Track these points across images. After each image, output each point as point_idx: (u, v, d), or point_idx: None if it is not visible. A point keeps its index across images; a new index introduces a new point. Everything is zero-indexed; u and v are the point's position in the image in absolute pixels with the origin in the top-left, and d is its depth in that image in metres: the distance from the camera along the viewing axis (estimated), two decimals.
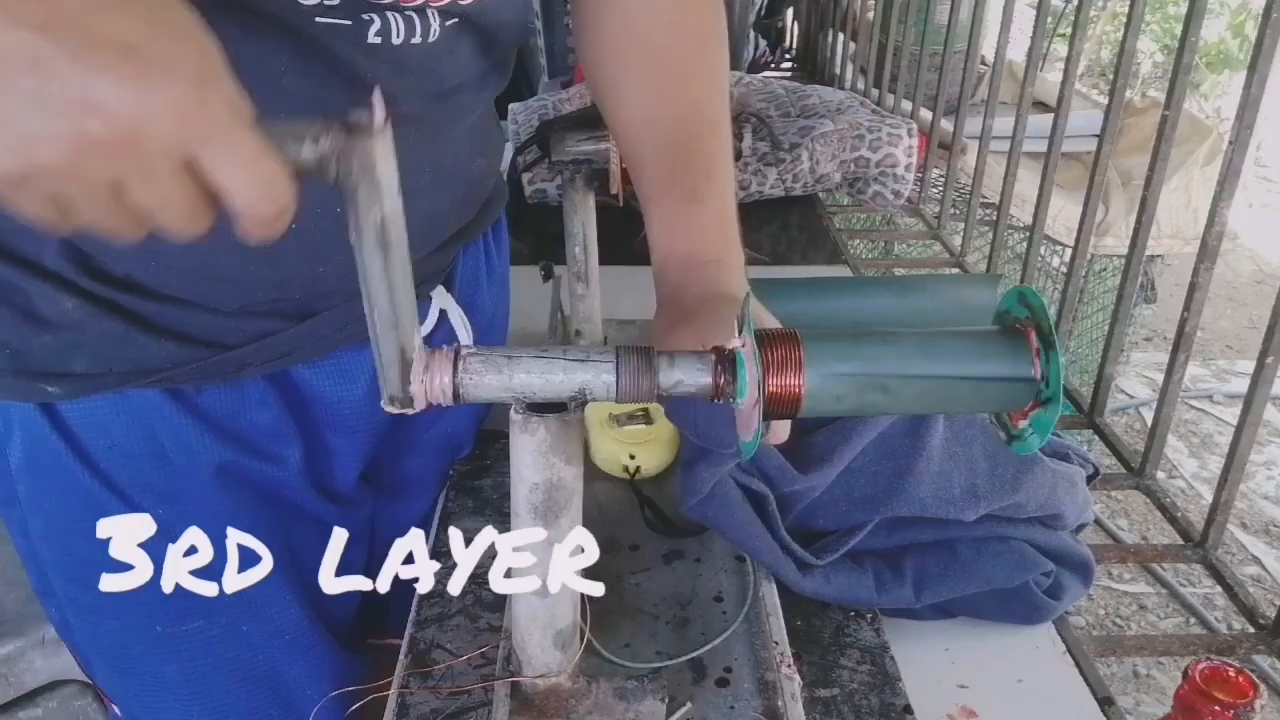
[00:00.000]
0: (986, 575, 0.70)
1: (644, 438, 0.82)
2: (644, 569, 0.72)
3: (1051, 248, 2.06)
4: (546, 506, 0.50)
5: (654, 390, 0.47)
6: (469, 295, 0.81)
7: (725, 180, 0.71)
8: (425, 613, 0.69)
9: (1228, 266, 4.17)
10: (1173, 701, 0.54)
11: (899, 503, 0.69)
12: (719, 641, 0.65)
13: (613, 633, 0.66)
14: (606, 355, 0.47)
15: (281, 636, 0.73)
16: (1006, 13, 1.50)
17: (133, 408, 0.66)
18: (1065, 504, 0.73)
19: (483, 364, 0.47)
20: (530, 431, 0.49)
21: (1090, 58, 4.83)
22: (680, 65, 0.72)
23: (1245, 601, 0.88)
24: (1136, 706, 2.06)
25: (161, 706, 0.73)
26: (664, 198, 0.69)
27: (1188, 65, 1.00)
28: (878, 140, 1.57)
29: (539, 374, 0.47)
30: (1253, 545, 2.59)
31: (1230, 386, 3.34)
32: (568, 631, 0.55)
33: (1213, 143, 1.93)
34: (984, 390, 0.48)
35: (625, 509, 0.79)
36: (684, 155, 0.70)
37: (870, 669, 0.65)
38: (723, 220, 0.69)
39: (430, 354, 0.47)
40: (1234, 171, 0.92)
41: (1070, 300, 1.27)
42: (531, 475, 0.50)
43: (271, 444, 0.71)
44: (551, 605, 0.54)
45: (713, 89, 0.73)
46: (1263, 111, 0.91)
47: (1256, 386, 0.89)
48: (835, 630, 0.68)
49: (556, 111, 1.65)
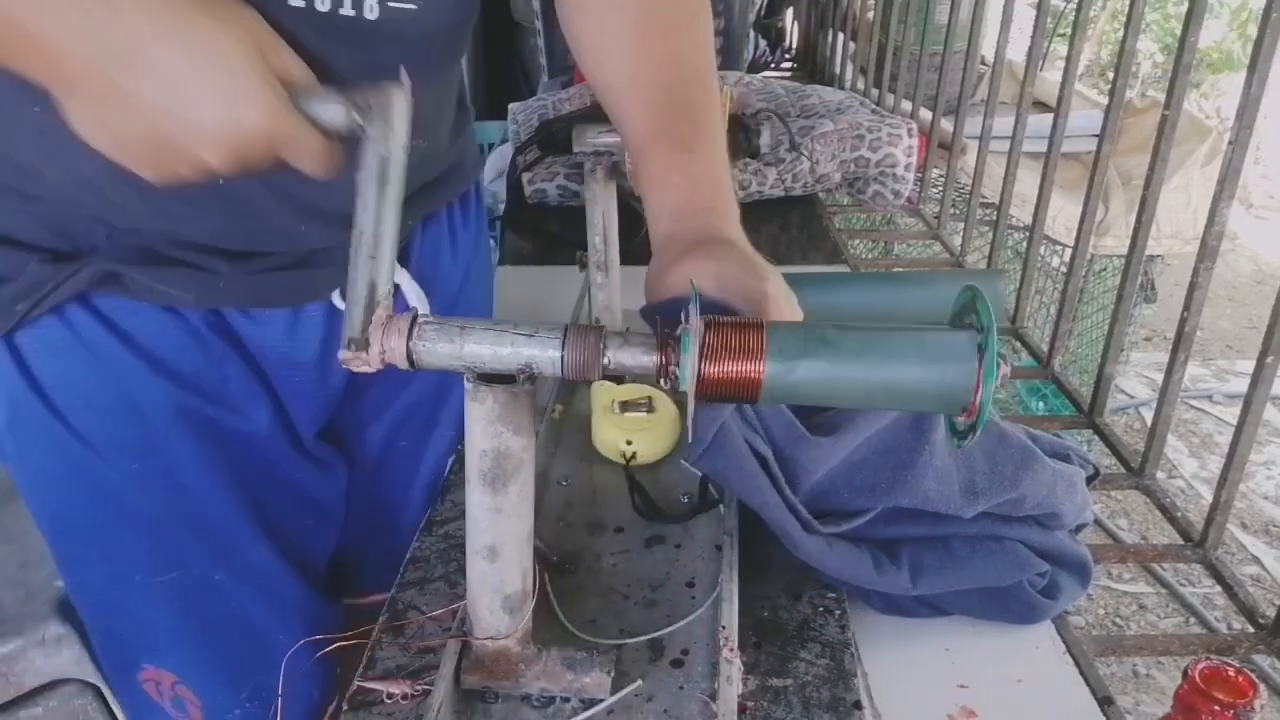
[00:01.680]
0: (980, 573, 0.70)
1: (643, 425, 0.83)
2: (624, 550, 0.73)
3: (1051, 248, 2.06)
4: (495, 474, 0.53)
5: (599, 368, 0.50)
6: (428, 269, 0.82)
7: (715, 129, 0.71)
8: (409, 575, 0.70)
9: (1228, 266, 4.18)
10: (1172, 701, 0.54)
11: (901, 493, 0.69)
12: (681, 625, 0.66)
13: (581, 608, 0.67)
14: (555, 332, 0.50)
15: (252, 583, 0.76)
16: (1006, 13, 1.50)
17: (104, 364, 0.68)
18: (1064, 503, 0.72)
19: (436, 332, 0.50)
20: (480, 400, 0.51)
21: (1090, 58, 4.83)
22: (661, 20, 0.72)
23: (1245, 601, 0.88)
24: (1136, 706, 2.06)
25: (149, 643, 0.76)
26: (654, 150, 0.69)
27: (1188, 65, 1.00)
28: (878, 140, 1.57)
29: (488, 345, 0.49)
30: (1253, 545, 2.60)
31: (1230, 386, 3.34)
32: (516, 597, 0.57)
33: (1213, 143, 1.94)
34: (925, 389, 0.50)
35: (617, 493, 0.80)
36: (670, 106, 0.70)
37: (828, 664, 0.65)
38: (714, 168, 0.69)
39: (391, 319, 0.50)
40: (1234, 171, 0.92)
41: (1070, 300, 1.27)
42: (480, 443, 0.52)
43: (240, 399, 0.73)
44: (500, 569, 0.56)
45: (695, 41, 0.73)
46: (1263, 111, 0.91)
47: (1256, 386, 0.89)
48: (801, 624, 0.69)
49: (556, 111, 1.65)
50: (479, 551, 0.55)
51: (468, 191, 0.89)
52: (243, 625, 0.77)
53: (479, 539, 0.55)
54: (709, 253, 0.62)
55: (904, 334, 0.51)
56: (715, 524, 0.76)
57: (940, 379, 0.49)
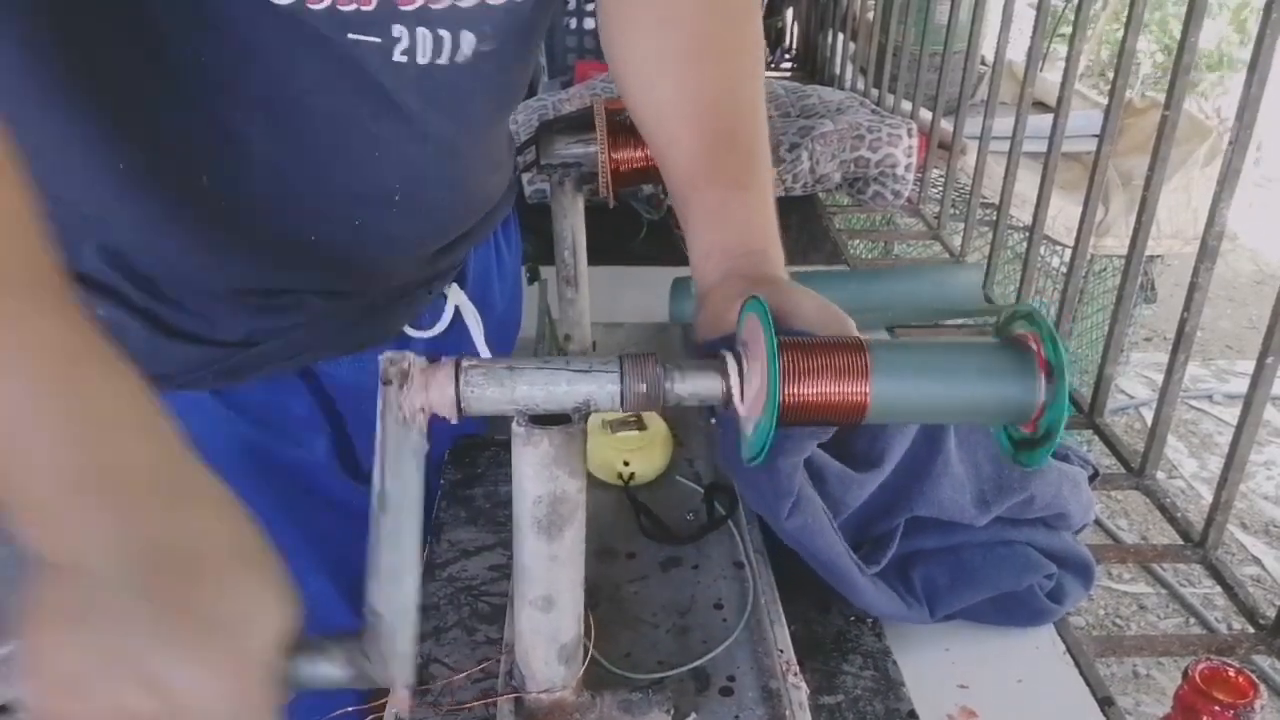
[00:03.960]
0: (994, 581, 0.70)
1: (638, 444, 0.81)
2: (641, 577, 0.71)
3: (1051, 248, 2.06)
4: (550, 520, 0.49)
5: (661, 399, 0.47)
6: (481, 294, 0.82)
7: (766, 161, 0.69)
8: (421, 627, 0.66)
9: (1228, 266, 4.17)
10: (1172, 702, 0.54)
11: (919, 503, 0.68)
12: (721, 650, 0.64)
13: (613, 643, 0.65)
14: (611, 365, 0.46)
15: (305, 618, 0.74)
16: (1006, 13, 1.50)
17: (172, 400, 0.66)
18: (1071, 504, 0.72)
19: (484, 376, 0.46)
20: (533, 444, 0.47)
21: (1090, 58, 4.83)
22: (718, 46, 0.70)
23: (1245, 602, 0.88)
24: (1136, 707, 2.06)
25: None
26: (708, 184, 0.67)
27: (1188, 65, 1.00)
28: (878, 140, 1.57)
29: (542, 386, 0.46)
30: (1253, 545, 2.59)
31: (1230, 386, 3.33)
32: (571, 645, 0.54)
33: (1213, 143, 1.93)
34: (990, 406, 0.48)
35: (620, 516, 0.78)
36: (726, 141, 0.68)
37: (874, 674, 0.64)
38: (766, 206, 0.67)
39: (431, 369, 0.46)
40: (1234, 171, 0.92)
41: (1070, 300, 1.27)
42: (534, 489, 0.49)
43: (301, 430, 0.72)
44: (556, 619, 0.53)
45: (749, 68, 0.71)
46: (1263, 111, 0.91)
47: (1256, 386, 0.89)
48: (837, 636, 0.68)
49: (556, 111, 1.65)
50: (534, 602, 0.52)
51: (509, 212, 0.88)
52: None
53: (534, 589, 0.52)
54: (778, 289, 0.60)
55: (967, 347, 0.50)
56: (728, 540, 0.75)
57: (1001, 391, 0.48)
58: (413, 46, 0.57)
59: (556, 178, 0.87)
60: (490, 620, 0.67)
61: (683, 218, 0.69)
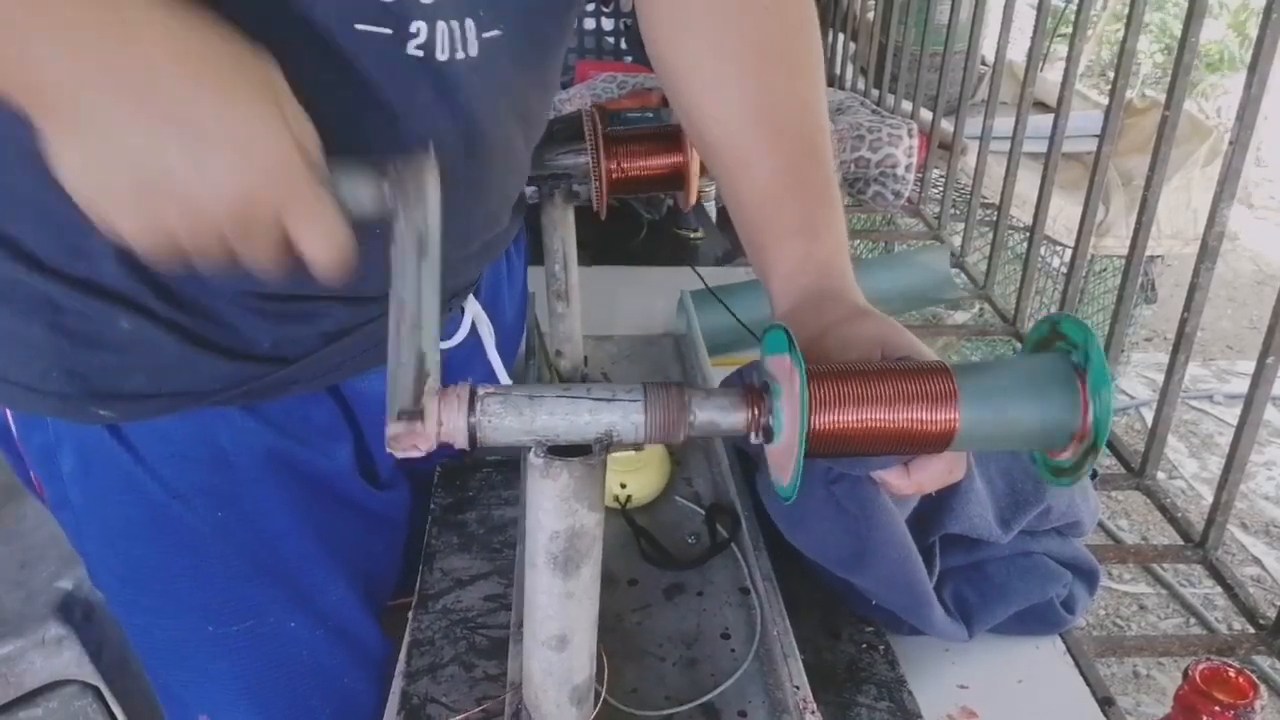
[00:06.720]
0: (1022, 594, 0.69)
1: (635, 465, 0.78)
2: (644, 605, 0.69)
3: (1051, 248, 2.06)
4: (567, 556, 0.47)
5: (685, 429, 0.45)
6: (492, 302, 0.82)
7: (838, 200, 0.65)
8: (416, 663, 0.64)
9: (1228, 266, 4.17)
10: (1173, 702, 0.54)
11: (950, 520, 0.67)
12: (730, 683, 0.62)
13: (618, 677, 0.62)
14: (634, 394, 0.44)
15: (325, 625, 0.74)
16: (1006, 13, 1.50)
17: (194, 414, 0.66)
18: (1082, 511, 0.72)
19: (502, 405, 0.43)
20: (552, 477, 0.44)
21: (1090, 58, 4.83)
22: (784, 56, 0.65)
23: (1245, 602, 0.88)
24: (1136, 707, 2.06)
25: (209, 696, 0.74)
26: (791, 200, 0.63)
27: (1188, 65, 1.00)
28: (878, 140, 1.57)
29: (562, 415, 0.43)
30: (1253, 545, 2.59)
31: (1230, 387, 3.33)
32: (584, 686, 0.52)
33: (1213, 143, 1.93)
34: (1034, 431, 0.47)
35: (620, 541, 0.75)
36: (800, 172, 0.64)
37: (889, 705, 0.62)
38: (841, 248, 0.64)
39: (444, 395, 0.43)
40: (1234, 171, 0.92)
41: (1070, 300, 1.27)
42: (551, 523, 0.46)
43: (324, 440, 0.72)
44: (569, 659, 0.50)
45: (817, 86, 0.67)
46: (1263, 111, 0.91)
47: (1256, 386, 0.89)
48: (849, 665, 0.66)
49: (556, 112, 1.65)
50: (546, 641, 0.50)
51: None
52: (312, 672, 0.75)
53: (547, 628, 0.49)
54: (875, 321, 0.57)
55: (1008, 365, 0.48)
56: (732, 564, 0.73)
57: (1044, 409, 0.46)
58: (431, 41, 0.55)
59: (546, 189, 0.84)
60: (489, 655, 0.64)
61: (760, 231, 0.65)
